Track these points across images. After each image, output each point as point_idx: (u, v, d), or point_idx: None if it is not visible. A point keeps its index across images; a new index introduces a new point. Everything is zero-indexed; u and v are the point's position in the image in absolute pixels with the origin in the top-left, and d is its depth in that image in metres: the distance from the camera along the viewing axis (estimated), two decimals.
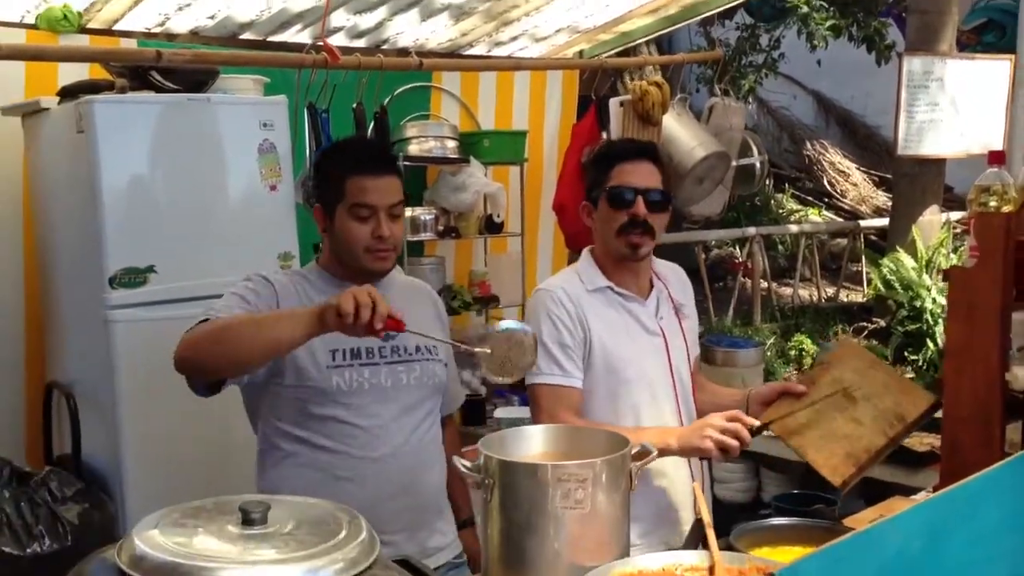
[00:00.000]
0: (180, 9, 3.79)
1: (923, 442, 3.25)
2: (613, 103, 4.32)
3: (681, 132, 4.43)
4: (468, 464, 1.87)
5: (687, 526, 2.41)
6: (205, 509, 1.55)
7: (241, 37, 4.16)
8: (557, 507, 1.73)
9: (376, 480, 2.17)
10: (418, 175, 4.50)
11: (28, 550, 1.71)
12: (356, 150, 2.31)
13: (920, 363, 6.20)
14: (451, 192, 4.30)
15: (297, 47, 4.25)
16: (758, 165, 5.16)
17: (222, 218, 3.12)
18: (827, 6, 8.25)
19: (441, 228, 4.33)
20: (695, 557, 1.79)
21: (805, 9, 8.09)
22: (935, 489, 2.16)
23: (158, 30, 3.92)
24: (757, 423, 2.14)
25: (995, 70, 7.23)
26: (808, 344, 6.21)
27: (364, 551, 1.44)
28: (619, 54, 5.34)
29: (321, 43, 3.21)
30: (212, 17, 3.92)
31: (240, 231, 3.14)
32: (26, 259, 3.42)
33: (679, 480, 2.40)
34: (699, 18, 5.48)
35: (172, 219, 3.01)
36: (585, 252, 2.45)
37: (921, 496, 2.60)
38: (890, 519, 1.59)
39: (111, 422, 2.86)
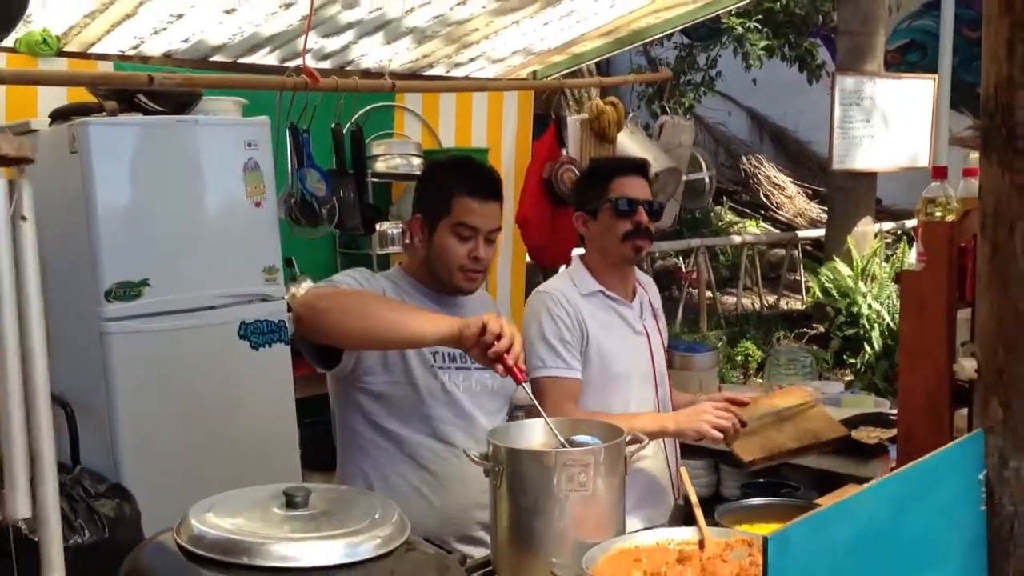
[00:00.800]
0: (155, 33, 3.91)
1: (871, 435, 3.48)
2: (571, 121, 4.54)
3: (635, 149, 4.64)
4: (476, 454, 2.04)
5: (665, 507, 2.65)
6: (250, 496, 1.70)
7: (212, 59, 4.29)
8: (563, 490, 1.91)
9: (476, 479, 2.18)
10: (384, 191, 4.65)
11: (70, 541, 1.83)
12: (469, 172, 2.34)
13: (858, 366, 6.53)
14: None
15: (265, 69, 4.40)
16: (707, 179, 5.42)
17: (211, 233, 3.25)
18: (760, 27, 8.61)
19: (407, 241, 4.48)
20: (686, 533, 1.98)
21: (740, 30, 8.45)
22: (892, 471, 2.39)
23: (132, 52, 4.03)
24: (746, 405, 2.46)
25: (920, 88, 7.65)
26: (753, 350, 6.49)
27: (398, 530, 1.60)
28: (569, 74, 5.57)
29: (301, 66, 3.36)
30: (186, 40, 4.04)
31: (228, 245, 3.27)
32: None
33: (658, 466, 2.63)
34: (646, 41, 5.74)
35: (164, 234, 3.13)
36: (576, 259, 2.70)
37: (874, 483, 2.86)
38: (861, 492, 1.79)
39: (108, 431, 2.97)
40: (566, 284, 2.60)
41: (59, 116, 3.16)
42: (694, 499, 2.03)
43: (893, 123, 7.47)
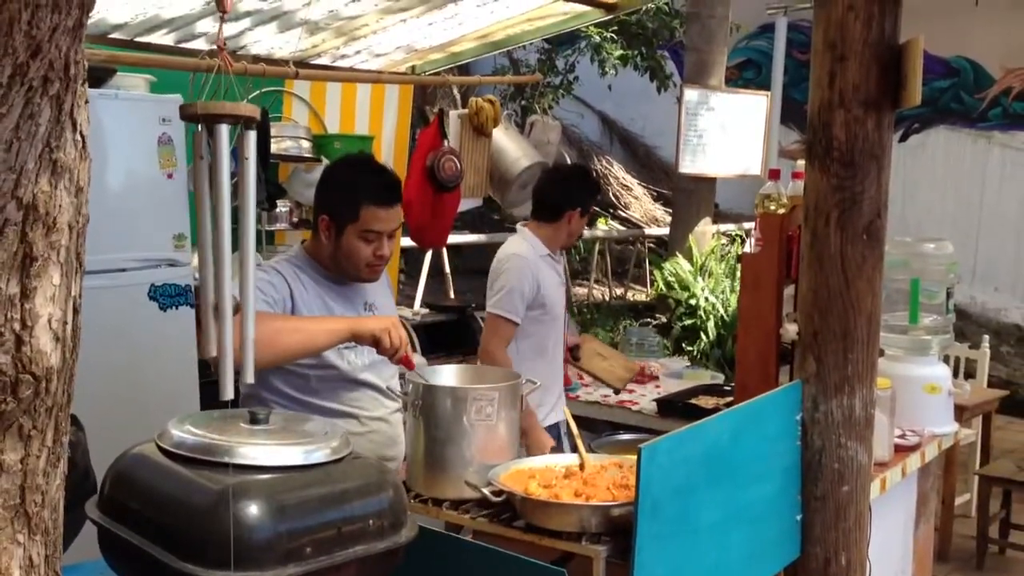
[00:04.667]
0: None
1: (708, 402, 4.03)
2: (453, 115, 4.94)
3: (508, 144, 5.09)
4: (397, 390, 2.43)
5: None
6: (217, 415, 2.01)
7: (111, 36, 4.46)
8: (472, 419, 2.31)
9: (378, 435, 2.56)
10: (272, 171, 4.91)
11: None
12: (374, 179, 2.51)
13: (695, 353, 7.19)
14: (304, 187, 4.74)
15: (162, 48, 4.60)
16: None
17: (125, 201, 3.46)
18: (616, 38, 9.23)
19: (295, 220, 4.77)
20: (568, 459, 2.43)
21: (597, 39, 9.04)
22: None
23: None
24: None
25: (755, 104, 8.40)
26: (603, 335, 7.05)
27: (343, 444, 1.95)
28: (448, 71, 5.97)
29: (216, 50, 3.61)
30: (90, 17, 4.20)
31: (140, 213, 3.50)
32: None
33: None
34: (517, 45, 6.19)
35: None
36: (524, 231, 3.56)
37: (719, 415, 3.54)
38: (709, 420, 2.29)
39: None
40: (526, 248, 3.48)
41: None
42: (575, 431, 2.48)
43: (731, 134, 8.19)
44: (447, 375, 2.51)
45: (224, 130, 1.62)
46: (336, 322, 2.38)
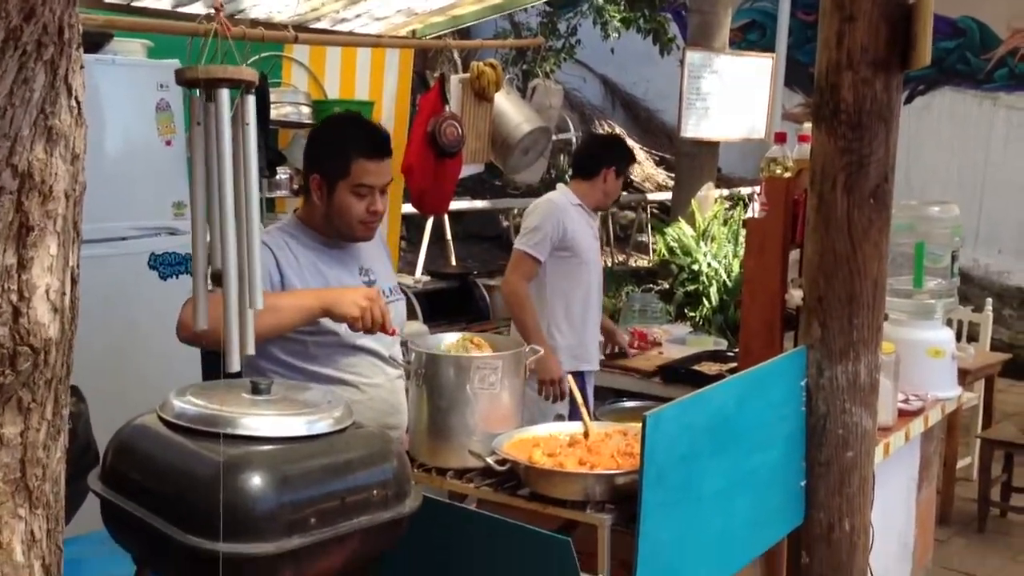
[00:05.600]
0: None
1: (712, 368, 4.01)
2: (454, 80, 4.88)
3: (510, 108, 5.04)
4: (400, 358, 2.41)
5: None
6: (219, 386, 2.00)
7: (107, 1, 4.39)
8: (476, 388, 2.30)
9: (379, 401, 2.50)
10: (272, 138, 4.86)
11: None
12: (363, 133, 2.48)
13: (697, 319, 7.17)
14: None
15: (159, 12, 4.54)
16: (573, 140, 5.87)
17: (123, 168, 3.43)
18: (618, 0, 9.13)
19: (296, 187, 4.72)
20: (573, 427, 2.42)
21: (599, 1, 8.94)
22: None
23: None
24: None
25: (760, 66, 8.32)
26: (607, 301, 7.03)
27: (346, 414, 1.94)
28: (449, 35, 5.89)
29: (213, 14, 3.56)
30: None
31: (139, 181, 3.46)
32: None
33: None
34: (520, 7, 6.11)
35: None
36: (562, 186, 3.94)
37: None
38: (714, 387, 2.27)
39: None
40: (561, 198, 3.81)
41: None
42: (579, 399, 2.46)
43: (735, 97, 8.11)
44: (450, 343, 2.49)
45: (225, 95, 1.58)
46: (309, 298, 2.32)
